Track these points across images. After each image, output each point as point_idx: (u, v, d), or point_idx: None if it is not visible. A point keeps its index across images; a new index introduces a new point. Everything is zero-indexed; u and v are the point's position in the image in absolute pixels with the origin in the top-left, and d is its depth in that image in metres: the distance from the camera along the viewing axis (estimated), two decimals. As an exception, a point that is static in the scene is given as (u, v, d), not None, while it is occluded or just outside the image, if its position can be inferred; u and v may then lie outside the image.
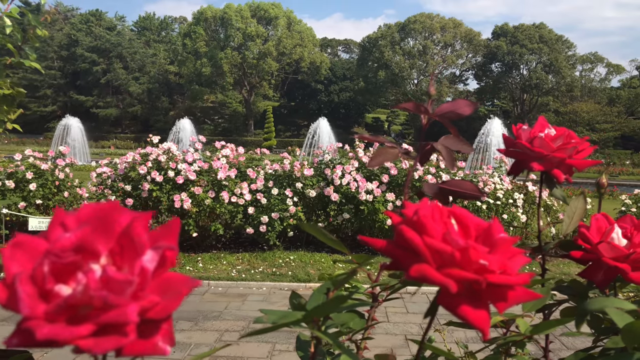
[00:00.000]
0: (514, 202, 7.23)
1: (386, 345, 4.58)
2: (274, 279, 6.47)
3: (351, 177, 7.37)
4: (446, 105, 0.71)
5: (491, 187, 7.36)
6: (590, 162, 0.72)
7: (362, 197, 7.23)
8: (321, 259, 7.14)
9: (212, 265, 6.91)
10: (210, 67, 49.89)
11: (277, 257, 7.20)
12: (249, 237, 7.53)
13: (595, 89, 51.40)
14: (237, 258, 7.22)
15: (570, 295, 0.79)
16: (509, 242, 0.38)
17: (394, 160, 0.72)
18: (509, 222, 7.27)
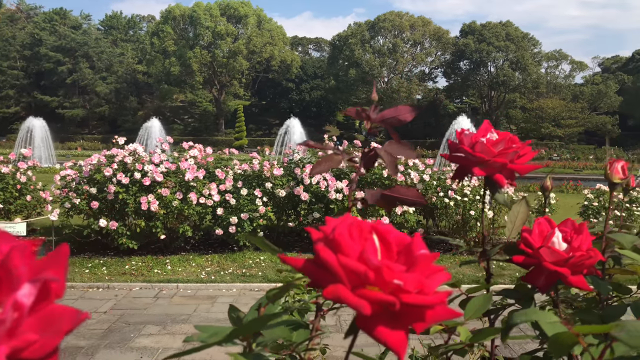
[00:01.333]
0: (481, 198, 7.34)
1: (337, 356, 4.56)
2: (244, 280, 6.42)
3: (321, 176, 7.36)
4: (388, 111, 0.70)
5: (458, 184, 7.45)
6: (532, 167, 0.72)
7: (332, 196, 7.24)
8: (292, 259, 7.12)
9: (180, 268, 6.82)
10: (179, 66, 49.26)
11: (247, 258, 7.15)
12: (219, 238, 7.46)
13: (560, 85, 52.61)
14: (207, 260, 7.15)
15: (516, 299, 0.79)
16: (429, 258, 0.37)
17: (337, 167, 0.71)
18: (476, 218, 7.37)
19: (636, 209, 8.17)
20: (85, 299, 5.76)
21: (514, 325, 0.48)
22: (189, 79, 50.61)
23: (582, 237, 0.68)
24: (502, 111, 51.66)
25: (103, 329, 4.92)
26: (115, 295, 5.92)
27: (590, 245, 0.68)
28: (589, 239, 0.69)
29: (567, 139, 46.42)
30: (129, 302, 5.71)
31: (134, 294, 5.96)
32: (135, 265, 6.88)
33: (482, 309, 0.64)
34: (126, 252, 7.24)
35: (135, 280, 6.37)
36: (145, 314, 5.36)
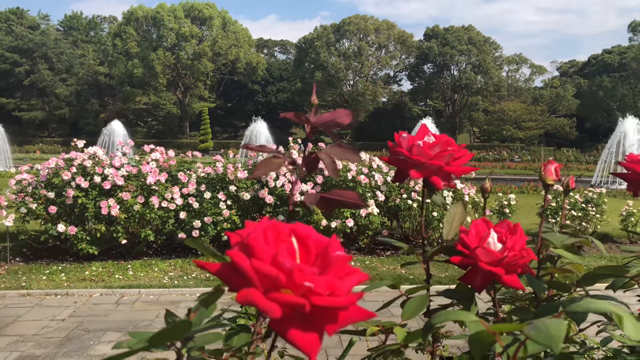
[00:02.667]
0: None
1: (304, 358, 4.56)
2: (208, 285, 6.35)
3: (285, 179, 7.35)
4: (327, 114, 0.71)
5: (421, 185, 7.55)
6: (468, 169, 0.74)
7: (296, 199, 7.19)
8: (256, 262, 7.07)
9: (142, 273, 6.69)
10: (142, 67, 48.41)
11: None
12: (182, 242, 7.35)
13: (520, 88, 53.97)
14: (170, 264, 7.04)
15: (457, 299, 0.81)
16: (344, 260, 0.38)
17: (278, 170, 0.71)
18: (438, 219, 7.48)
19: (591, 209, 8.44)
20: (42, 307, 5.60)
21: (434, 325, 0.49)
22: (152, 81, 49.80)
23: (516, 237, 0.70)
24: (465, 114, 52.66)
25: (61, 337, 4.78)
26: (75, 302, 5.77)
27: (524, 245, 0.70)
28: (522, 239, 0.71)
29: (528, 141, 47.63)
30: (89, 308, 5.57)
31: (94, 301, 5.82)
32: (95, 271, 6.72)
33: (420, 309, 0.64)
34: (86, 257, 7.07)
35: (96, 286, 6.22)
36: (106, 320, 5.24)
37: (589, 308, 0.42)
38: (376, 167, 7.90)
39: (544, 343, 0.36)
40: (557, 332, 0.36)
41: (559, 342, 0.35)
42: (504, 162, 33.57)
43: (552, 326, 0.37)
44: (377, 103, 53.94)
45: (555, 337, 0.36)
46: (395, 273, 6.84)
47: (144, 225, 7.09)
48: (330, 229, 7.34)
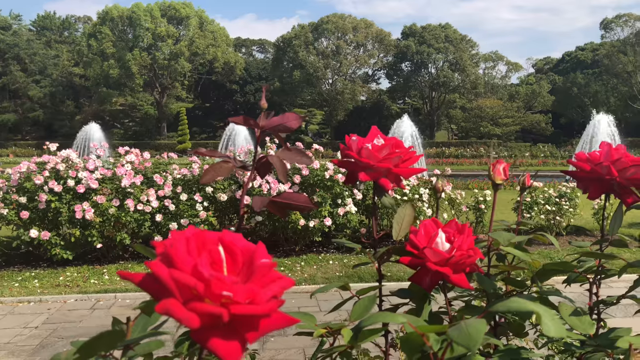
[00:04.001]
0: (420, 197, 7.52)
1: (280, 359, 4.57)
2: (186, 287, 6.31)
3: (263, 180, 7.32)
4: (276, 118, 0.71)
5: (399, 183, 7.60)
6: (416, 170, 0.75)
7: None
8: (235, 263, 7.05)
9: (119, 277, 6.61)
10: (118, 68, 47.80)
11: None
12: (160, 244, 7.29)
13: (497, 85, 54.68)
14: (146, 268, 6.96)
15: (410, 298, 0.82)
16: (268, 267, 0.38)
17: (228, 174, 0.71)
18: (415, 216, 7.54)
19: (565, 203, 8.59)
20: (15, 315, 5.49)
21: (363, 328, 0.50)
22: (128, 81, 49.20)
23: (464, 237, 0.71)
24: (443, 111, 53.13)
25: (34, 344, 4.70)
26: (48, 308, 5.67)
27: (472, 244, 0.72)
28: (470, 239, 0.72)
29: (505, 137, 48.26)
30: (63, 315, 5.49)
31: (68, 307, 5.73)
32: (70, 276, 6.62)
33: (367, 310, 0.65)
34: (60, 263, 6.95)
35: (70, 292, 6.13)
36: (81, 326, 5.16)
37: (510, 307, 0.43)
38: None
39: (464, 344, 0.36)
40: (476, 333, 0.37)
41: (476, 342, 0.36)
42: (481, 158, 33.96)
43: (472, 327, 0.38)
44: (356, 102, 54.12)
45: (473, 337, 0.37)
46: (373, 270, 6.87)
47: (119, 229, 7.00)
48: (308, 228, 7.35)
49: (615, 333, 0.70)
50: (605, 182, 0.83)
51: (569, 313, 0.77)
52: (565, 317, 0.77)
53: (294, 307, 5.58)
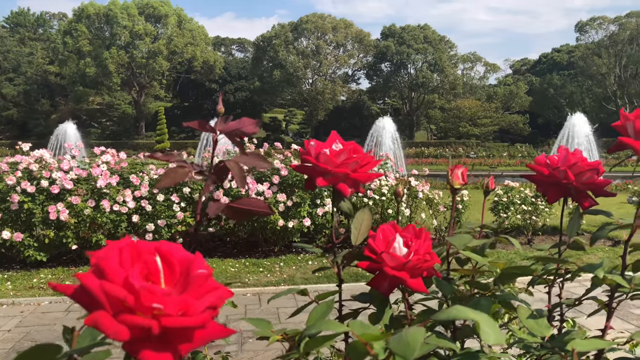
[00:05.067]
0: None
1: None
2: (163, 288, 6.25)
3: (241, 179, 7.29)
4: (233, 123, 0.70)
5: (377, 183, 7.63)
6: (374, 175, 0.75)
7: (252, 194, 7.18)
8: (212, 264, 7.00)
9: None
10: (95, 67, 47.14)
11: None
12: (136, 246, 7.20)
13: (475, 86, 55.31)
14: (123, 269, 6.88)
15: (371, 302, 0.82)
16: (205, 278, 0.37)
17: (184, 180, 0.70)
18: (393, 216, 7.58)
19: (541, 203, 8.72)
20: (-14, 318, 5.37)
21: (306, 336, 0.50)
22: (106, 80, 48.55)
23: (421, 241, 0.72)
24: (422, 111, 53.53)
25: (6, 348, 4.60)
26: (21, 311, 5.56)
27: (429, 249, 0.72)
28: (427, 243, 0.72)
29: (484, 138, 48.82)
30: (37, 318, 5.39)
31: (42, 309, 5.63)
32: (44, 278, 6.50)
33: (324, 316, 0.65)
34: (34, 264, 6.83)
35: (44, 294, 6.02)
36: (55, 329, 5.08)
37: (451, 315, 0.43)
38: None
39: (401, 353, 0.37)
40: (414, 341, 0.37)
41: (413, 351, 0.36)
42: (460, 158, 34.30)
43: (411, 336, 0.38)
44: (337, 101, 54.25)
45: (410, 346, 0.37)
46: (352, 271, 6.89)
47: (95, 230, 6.90)
48: (287, 228, 7.33)
49: (570, 335, 0.71)
50: (563, 186, 0.84)
51: (527, 316, 0.78)
52: (523, 320, 0.78)
53: (273, 307, 5.57)
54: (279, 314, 5.43)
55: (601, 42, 50.45)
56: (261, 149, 8.47)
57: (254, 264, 7.12)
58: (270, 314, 5.39)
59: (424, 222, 8.12)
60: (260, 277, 6.61)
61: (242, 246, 7.97)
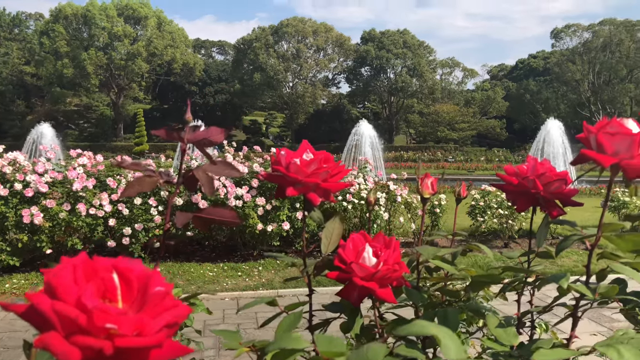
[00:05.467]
0: (377, 201, 7.59)
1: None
2: (140, 293, 6.16)
3: (220, 183, 7.24)
4: (201, 132, 0.70)
5: (356, 187, 7.65)
6: (344, 185, 0.75)
7: (231, 203, 7.14)
8: (190, 269, 6.94)
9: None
10: (72, 68, 46.45)
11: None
12: (112, 250, 7.09)
13: (453, 91, 55.90)
14: (99, 274, 6.78)
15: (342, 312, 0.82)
16: (162, 296, 0.37)
17: (152, 189, 0.69)
18: (372, 220, 7.61)
19: (517, 207, 8.82)
20: (-44, 324, 5.24)
21: (268, 352, 0.49)
22: (83, 81, 47.87)
23: (390, 251, 0.72)
24: (401, 116, 53.90)
25: (-24, 356, 4.50)
26: (-7, 317, 5.43)
27: (398, 258, 0.72)
28: (397, 253, 0.72)
29: (462, 142, 49.34)
30: (8, 324, 5.27)
31: (14, 315, 5.48)
32: (17, 283, 6.37)
33: (292, 326, 0.65)
34: (7, 269, 6.68)
35: (17, 300, 5.88)
36: (27, 336, 4.96)
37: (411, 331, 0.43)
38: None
39: (361, 370, 0.37)
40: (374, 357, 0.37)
41: (372, 367, 0.36)
42: (438, 162, 34.62)
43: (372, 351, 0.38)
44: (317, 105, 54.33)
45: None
46: (330, 275, 6.89)
47: (70, 234, 6.78)
48: (266, 232, 7.30)
49: (537, 344, 0.72)
50: (532, 195, 0.85)
51: (495, 325, 0.79)
52: (492, 329, 0.78)
53: (252, 312, 5.54)
54: (257, 318, 5.40)
55: (575, 49, 51.46)
56: (240, 152, 8.43)
57: (233, 268, 7.07)
58: (249, 319, 5.36)
59: (403, 226, 8.17)
60: (239, 281, 6.57)
61: (220, 250, 7.91)
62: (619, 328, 1.06)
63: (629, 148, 0.62)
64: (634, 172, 0.63)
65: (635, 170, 0.63)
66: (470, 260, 6.95)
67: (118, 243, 6.83)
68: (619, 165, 0.64)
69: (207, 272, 6.86)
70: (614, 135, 0.63)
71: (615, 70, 48.74)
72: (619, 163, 0.63)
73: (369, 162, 8.72)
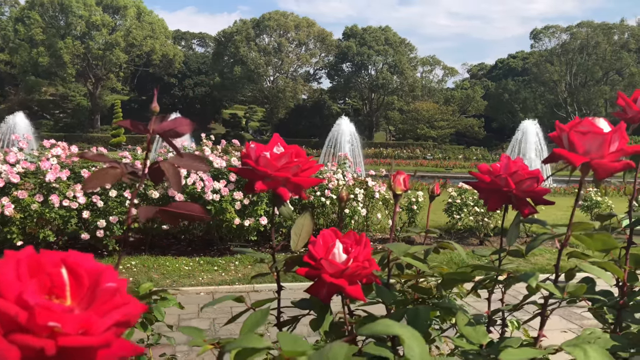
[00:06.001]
0: (355, 197, 7.60)
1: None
2: (113, 287, 6.07)
3: (197, 177, 7.17)
4: (167, 123, 0.67)
5: (335, 183, 7.65)
6: (316, 181, 0.74)
7: (208, 197, 7.07)
8: (166, 262, 6.86)
9: None
10: (48, 56, 45.51)
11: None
12: (86, 243, 6.98)
13: (433, 89, 56.31)
14: (72, 267, 6.66)
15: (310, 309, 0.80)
16: (113, 292, 0.35)
17: (115, 182, 0.67)
18: (350, 215, 7.62)
19: (493, 205, 8.92)
20: None
21: (225, 352, 0.48)
22: (60, 71, 46.94)
23: (360, 248, 0.71)
24: (381, 112, 54.11)
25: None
26: (-40, 310, 5.31)
27: (369, 255, 0.71)
28: (367, 249, 0.71)
29: (440, 140, 49.76)
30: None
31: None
32: (-14, 275, 6.23)
33: (258, 324, 0.63)
34: (-25, 261, 6.53)
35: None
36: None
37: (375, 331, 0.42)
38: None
39: (321, 371, 0.36)
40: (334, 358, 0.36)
41: (332, 368, 0.35)
42: (417, 159, 34.86)
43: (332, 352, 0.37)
44: (298, 100, 54.19)
45: (330, 363, 0.36)
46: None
47: (43, 226, 6.65)
48: (243, 227, 7.26)
49: (505, 343, 0.72)
50: (504, 193, 0.85)
51: (465, 323, 0.78)
52: (461, 327, 0.78)
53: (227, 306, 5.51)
54: (232, 312, 5.36)
55: (554, 50, 52.24)
56: (219, 145, 8.36)
57: (209, 262, 7.01)
58: (224, 313, 5.33)
59: (380, 222, 8.20)
60: (215, 275, 6.52)
61: (197, 244, 7.84)
62: (588, 326, 1.07)
63: (599, 147, 0.62)
64: (604, 172, 0.63)
65: (606, 169, 0.63)
66: (446, 257, 7.02)
67: (92, 235, 6.72)
68: (590, 164, 0.64)
69: (182, 266, 6.79)
70: (586, 134, 0.63)
71: (592, 72, 49.64)
72: (589, 162, 0.63)
73: (347, 158, 8.73)
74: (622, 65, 49.13)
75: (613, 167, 0.62)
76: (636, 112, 0.75)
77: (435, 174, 24.04)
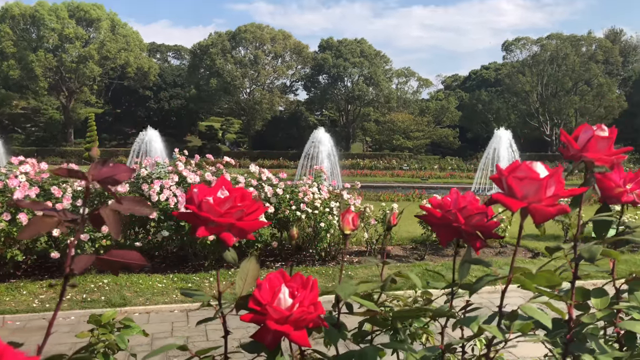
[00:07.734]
0: (331, 211, 7.61)
1: None
2: (84, 306, 5.94)
3: (170, 193, 7.10)
4: (106, 170, 0.66)
5: (310, 196, 7.64)
6: (261, 224, 0.73)
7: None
8: (139, 280, 6.74)
9: (8, 297, 6.11)
10: (19, 69, 44.75)
11: (88, 282, 6.63)
12: (56, 261, 6.83)
13: (409, 100, 56.89)
14: (41, 286, 6.49)
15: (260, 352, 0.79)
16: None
17: (51, 230, 0.65)
18: (326, 229, 7.61)
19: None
20: None
21: None
22: (31, 84, 46.17)
23: (307, 291, 0.70)
24: (358, 124, 54.43)
25: None
26: None
27: (315, 299, 0.71)
28: (313, 293, 0.71)
29: (416, 150, 50.21)
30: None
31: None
32: (-50, 298, 6.03)
33: None
34: (-61, 283, 6.33)
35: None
36: (-40, 354, 4.70)
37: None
38: (265, 179, 7.88)
39: None
40: None
41: None
42: (393, 170, 35.08)
43: None
44: (274, 112, 54.18)
45: None
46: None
47: (10, 245, 6.49)
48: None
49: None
50: (454, 228, 0.86)
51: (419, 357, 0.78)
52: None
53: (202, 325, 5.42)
54: (207, 331, 5.30)
55: (525, 61, 53.33)
56: (192, 160, 8.29)
57: (183, 279, 6.92)
58: (199, 332, 5.25)
59: (355, 235, 8.21)
60: (189, 293, 6.43)
61: (171, 260, 7.74)
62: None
63: (536, 192, 0.63)
64: (542, 217, 0.64)
65: (543, 214, 0.64)
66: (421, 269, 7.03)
67: (62, 254, 6.58)
68: (528, 209, 0.64)
69: (156, 284, 6.69)
70: (523, 180, 0.63)
71: (562, 82, 50.78)
72: (527, 207, 0.64)
73: (323, 171, 8.73)
74: (590, 76, 50.40)
75: (549, 212, 0.62)
76: (577, 151, 0.77)
77: (412, 184, 24.23)
